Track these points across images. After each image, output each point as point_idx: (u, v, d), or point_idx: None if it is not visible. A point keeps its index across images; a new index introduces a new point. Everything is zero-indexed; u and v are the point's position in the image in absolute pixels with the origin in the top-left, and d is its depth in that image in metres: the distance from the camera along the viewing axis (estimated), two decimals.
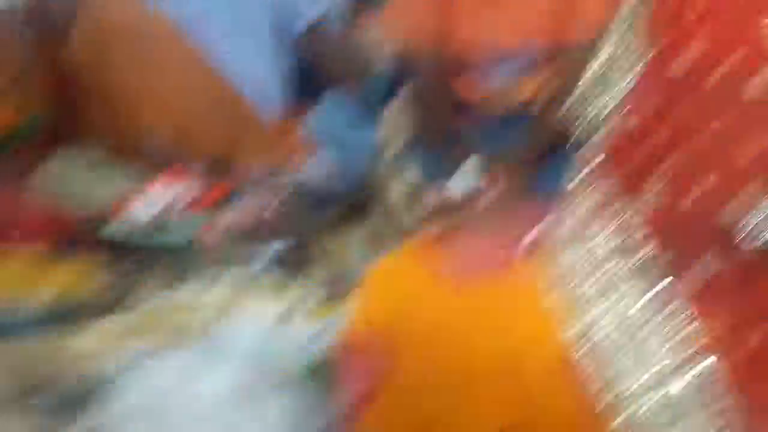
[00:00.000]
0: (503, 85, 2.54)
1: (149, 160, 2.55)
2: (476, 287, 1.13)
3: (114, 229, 2.05)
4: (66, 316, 1.66)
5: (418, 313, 1.14)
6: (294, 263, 2.04)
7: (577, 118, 1.18)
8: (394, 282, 1.20)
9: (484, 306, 1.12)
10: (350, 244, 2.16)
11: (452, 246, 1.20)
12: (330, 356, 1.35)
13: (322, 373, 1.32)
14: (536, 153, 2.40)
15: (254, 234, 2.14)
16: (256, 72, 2.86)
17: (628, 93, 1.10)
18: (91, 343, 1.54)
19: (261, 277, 1.96)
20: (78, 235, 2.02)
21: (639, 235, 1.02)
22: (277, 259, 2.05)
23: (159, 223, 2.06)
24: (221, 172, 2.61)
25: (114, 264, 1.96)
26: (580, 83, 1.20)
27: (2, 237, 1.89)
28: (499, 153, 2.35)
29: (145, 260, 2.02)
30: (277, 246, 2.07)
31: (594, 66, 1.18)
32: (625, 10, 1.16)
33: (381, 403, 1.16)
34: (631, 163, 1.04)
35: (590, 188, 1.10)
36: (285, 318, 1.67)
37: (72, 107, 2.70)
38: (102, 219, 2.10)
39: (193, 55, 2.72)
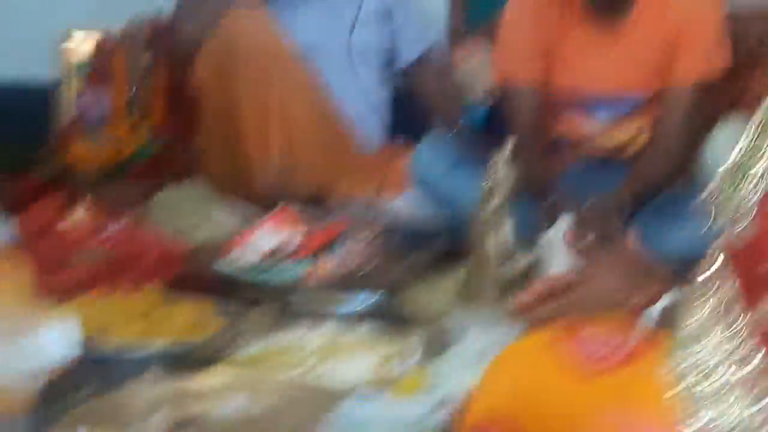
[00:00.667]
0: (602, 128, 2.60)
1: (258, 197, 2.65)
2: (600, 377, 1.15)
3: (225, 265, 2.14)
4: (184, 357, 1.76)
5: (544, 402, 1.16)
6: (389, 313, 2.11)
7: (718, 204, 1.17)
8: (519, 369, 1.22)
9: (607, 397, 1.14)
10: (444, 293, 2.21)
11: (575, 332, 1.22)
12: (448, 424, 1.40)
13: None
14: (631, 200, 2.42)
15: (352, 281, 2.21)
16: (360, 104, 2.96)
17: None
18: (214, 382, 1.64)
19: (357, 325, 2.04)
20: (190, 271, 2.11)
21: (752, 345, 1.06)
22: (372, 309, 2.11)
23: (266, 264, 2.15)
24: (321, 206, 2.70)
25: (224, 302, 2.05)
26: (721, 169, 1.18)
27: (121, 275, 1.97)
28: (594, 198, 2.39)
29: (252, 299, 2.11)
30: (372, 295, 2.13)
31: (735, 153, 1.16)
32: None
33: None
34: (754, 271, 1.06)
35: (715, 286, 1.11)
36: (386, 377, 1.74)
37: (188, 136, 2.81)
38: (213, 255, 2.20)
39: (308, 83, 2.83)
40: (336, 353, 1.91)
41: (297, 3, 2.85)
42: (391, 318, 2.08)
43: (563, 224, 2.24)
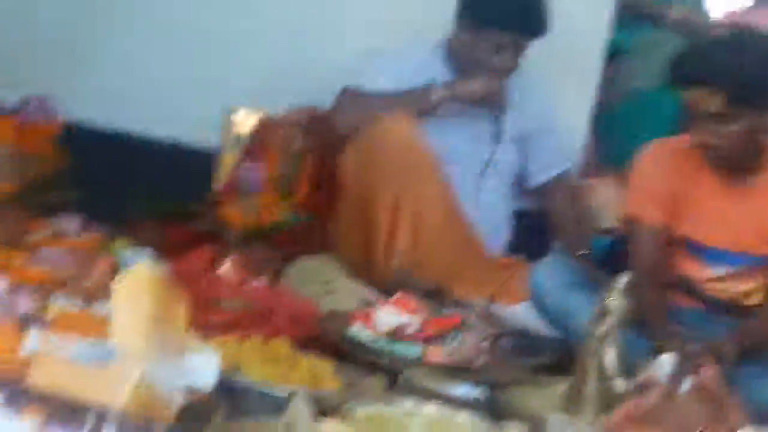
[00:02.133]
0: (720, 278, 2.71)
1: (381, 282, 2.85)
2: None
3: (355, 332, 2.33)
4: (313, 404, 1.94)
5: None
6: (491, 408, 2.25)
7: None
8: None
9: None
10: (545, 399, 2.34)
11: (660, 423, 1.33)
12: None
13: None
14: (739, 352, 2.48)
15: (459, 372, 2.36)
16: (487, 215, 3.14)
17: None
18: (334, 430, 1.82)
19: (461, 411, 2.19)
20: (318, 333, 2.30)
21: None
22: (475, 401, 2.26)
23: (385, 341, 2.32)
24: (439, 301, 2.87)
25: (343, 366, 2.23)
26: None
27: (257, 326, 2.18)
28: (703, 342, 2.48)
29: (369, 368, 2.29)
30: (476, 389, 2.28)
31: None
32: None
33: None
34: None
35: None
36: None
37: (325, 216, 3.03)
38: (340, 323, 2.39)
39: (441, 188, 3.03)
40: (438, 429, 2.06)
41: (446, 116, 3.07)
42: (492, 412, 2.23)
43: (667, 360, 2.33)
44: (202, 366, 1.78)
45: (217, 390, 1.81)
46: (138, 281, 1.65)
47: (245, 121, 3.13)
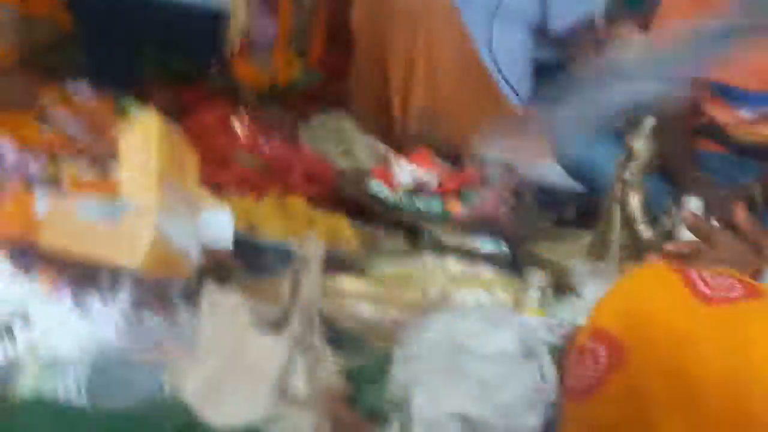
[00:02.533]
0: (747, 121, 2.65)
1: (399, 137, 2.78)
2: (724, 305, 1.22)
3: (375, 188, 2.27)
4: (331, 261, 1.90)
5: (651, 325, 1.23)
6: (513, 261, 2.21)
7: None
8: (632, 292, 1.29)
9: (726, 323, 1.21)
10: (568, 252, 2.30)
11: (704, 267, 1.30)
12: (564, 345, 1.51)
13: (556, 358, 1.48)
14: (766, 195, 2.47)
15: (479, 227, 2.32)
16: (511, 63, 3.04)
17: None
18: (357, 287, 1.78)
19: (483, 265, 2.15)
20: (341, 188, 2.26)
21: None
22: (498, 255, 2.22)
23: (403, 196, 2.27)
24: (459, 155, 2.81)
25: (361, 223, 2.19)
26: None
27: (272, 184, 2.13)
28: (736, 185, 2.44)
29: (387, 225, 2.25)
30: (498, 244, 2.24)
31: None
32: None
33: (597, 398, 1.27)
34: None
35: None
36: (514, 305, 1.87)
37: (343, 72, 2.95)
38: (357, 180, 2.34)
39: (461, 36, 2.92)
40: (462, 284, 2.03)
41: None
42: (515, 265, 2.19)
43: (695, 205, 2.30)
44: (217, 223, 1.74)
45: (233, 248, 1.77)
46: (145, 132, 1.58)
47: None
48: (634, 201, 2.19)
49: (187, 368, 1.11)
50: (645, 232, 2.18)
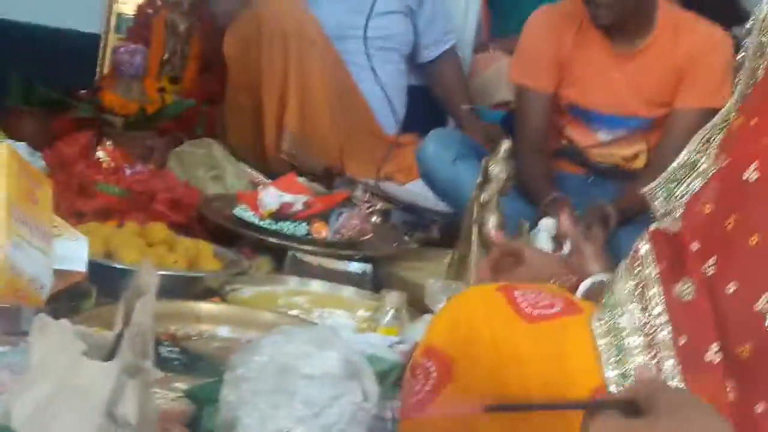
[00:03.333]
0: (604, 143, 2.75)
1: (271, 164, 2.83)
2: (544, 322, 1.29)
3: (240, 212, 2.32)
4: (190, 285, 1.94)
5: (476, 341, 1.29)
6: (375, 281, 2.28)
7: (659, 195, 1.38)
8: (458, 311, 1.35)
9: (545, 338, 1.28)
10: (433, 272, 2.37)
11: (518, 287, 1.37)
12: (402, 364, 1.58)
13: (393, 375, 1.55)
14: (621, 214, 2.55)
15: (349, 247, 2.38)
16: (393, 89, 3.12)
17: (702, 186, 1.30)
18: (214, 310, 1.83)
19: (345, 286, 2.22)
20: (205, 213, 2.29)
21: (660, 322, 1.23)
22: (360, 276, 2.29)
23: (267, 222, 2.32)
24: (329, 180, 2.87)
25: (233, 245, 2.24)
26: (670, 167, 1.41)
27: (134, 212, 2.15)
28: (588, 207, 2.53)
29: (251, 249, 2.29)
30: (361, 265, 2.30)
31: (681, 155, 1.39)
32: (713, 120, 1.36)
33: (430, 412, 1.33)
34: (673, 260, 1.24)
35: (637, 270, 1.28)
36: (369, 324, 1.93)
37: (217, 98, 2.98)
38: (223, 206, 2.38)
39: (332, 62, 2.98)
40: (325, 305, 2.09)
41: None
42: (376, 285, 2.26)
43: (548, 225, 2.37)
44: (72, 251, 1.76)
45: (90, 274, 1.80)
46: None
47: (128, 2, 3.05)
48: (491, 222, 2.27)
49: (17, 395, 1.13)
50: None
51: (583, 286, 1.43)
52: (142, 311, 1.20)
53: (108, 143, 2.28)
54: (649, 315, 1.23)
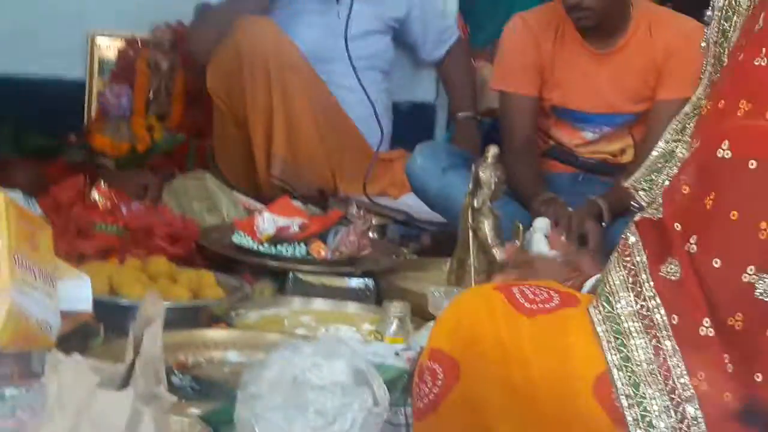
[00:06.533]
0: (590, 141, 2.78)
1: (264, 190, 2.86)
2: (544, 315, 1.32)
3: (238, 239, 2.35)
4: (195, 315, 1.98)
5: (479, 340, 1.33)
6: (379, 295, 2.31)
7: (642, 186, 1.42)
8: (461, 313, 1.38)
9: (546, 331, 1.31)
10: (433, 280, 2.40)
11: (515, 283, 1.40)
12: (409, 369, 1.61)
13: (402, 382, 1.58)
14: (611, 209, 2.59)
15: (348, 264, 2.41)
16: (362, 110, 3.14)
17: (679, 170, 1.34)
18: (222, 336, 1.86)
19: (347, 303, 2.25)
20: (205, 244, 2.33)
21: (653, 304, 1.27)
22: (361, 292, 2.32)
23: (265, 247, 2.35)
24: (325, 198, 2.90)
25: (234, 272, 2.27)
26: (648, 158, 1.46)
27: (134, 248, 2.19)
28: (579, 205, 2.56)
29: (252, 276, 2.32)
30: (361, 281, 2.33)
31: (659, 146, 1.44)
32: (684, 109, 1.41)
33: (439, 414, 1.36)
34: (658, 246, 1.28)
35: (627, 259, 1.32)
36: (375, 336, 1.96)
37: (205, 131, 3.02)
38: (221, 235, 2.41)
39: (310, 86, 3.00)
40: (330, 322, 2.12)
41: (298, 12, 3.04)
42: (378, 298, 2.29)
43: (542, 224, 2.40)
44: (77, 291, 1.79)
45: (96, 313, 1.82)
46: None
47: (110, 46, 3.09)
48: (486, 226, 2.30)
49: (38, 431, 1.16)
50: (498, 254, 2.29)
51: (588, 284, 1.47)
52: (151, 339, 1.23)
53: (102, 184, 2.31)
54: (644, 299, 1.27)
